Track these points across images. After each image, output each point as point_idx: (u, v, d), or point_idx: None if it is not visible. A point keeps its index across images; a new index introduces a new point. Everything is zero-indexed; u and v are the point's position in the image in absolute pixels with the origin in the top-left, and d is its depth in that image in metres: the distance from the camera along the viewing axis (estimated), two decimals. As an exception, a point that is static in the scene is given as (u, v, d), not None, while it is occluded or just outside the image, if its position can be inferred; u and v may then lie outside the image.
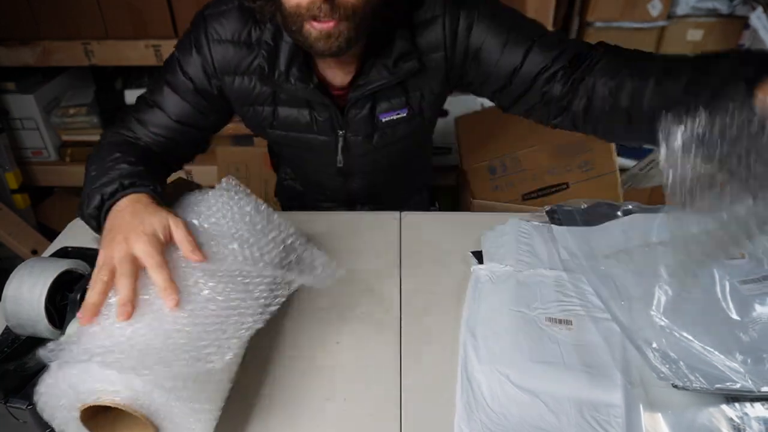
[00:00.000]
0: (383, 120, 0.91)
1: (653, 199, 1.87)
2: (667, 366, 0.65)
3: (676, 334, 0.70)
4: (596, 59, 0.79)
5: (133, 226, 0.66)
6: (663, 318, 0.72)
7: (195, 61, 0.86)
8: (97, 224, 0.75)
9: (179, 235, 0.65)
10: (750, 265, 0.80)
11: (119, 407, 0.51)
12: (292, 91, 0.86)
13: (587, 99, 0.79)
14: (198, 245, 0.65)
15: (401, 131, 0.94)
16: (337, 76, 0.87)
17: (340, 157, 0.96)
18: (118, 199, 0.72)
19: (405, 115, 0.92)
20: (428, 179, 1.30)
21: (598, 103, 0.78)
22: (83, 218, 0.78)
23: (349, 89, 0.88)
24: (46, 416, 0.55)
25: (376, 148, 0.96)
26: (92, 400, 0.52)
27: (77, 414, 0.54)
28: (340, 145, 0.94)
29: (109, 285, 0.61)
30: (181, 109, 0.89)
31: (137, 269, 0.62)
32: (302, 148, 0.97)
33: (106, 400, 0.51)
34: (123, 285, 0.59)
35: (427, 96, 0.91)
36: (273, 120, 0.92)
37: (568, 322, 0.74)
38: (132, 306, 0.57)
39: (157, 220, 0.66)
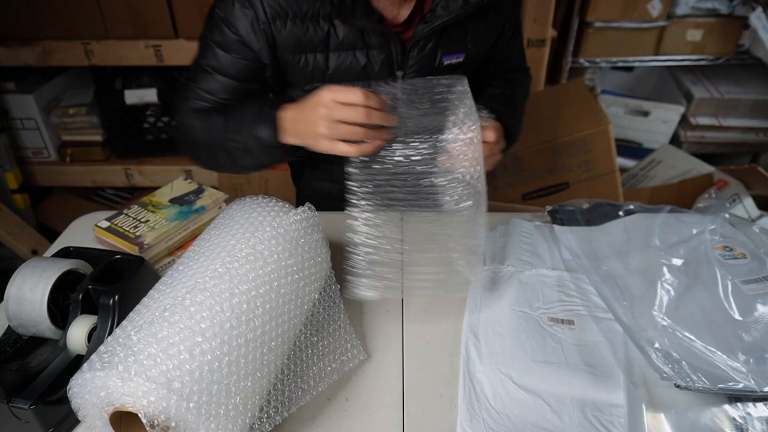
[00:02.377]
0: (444, 63, 0.90)
1: (654, 199, 1.87)
2: (670, 366, 0.65)
3: (678, 334, 0.70)
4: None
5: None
6: (665, 318, 0.72)
7: (239, 14, 0.84)
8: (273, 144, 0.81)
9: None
10: (752, 265, 0.80)
11: (141, 415, 0.51)
12: (359, 24, 0.83)
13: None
14: None
15: None
16: (395, 7, 0.85)
17: None
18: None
19: (462, 60, 0.92)
20: None
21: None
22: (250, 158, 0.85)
23: (406, 26, 0.87)
24: (80, 414, 0.55)
25: None
26: (120, 404, 0.52)
27: (107, 415, 0.53)
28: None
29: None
30: (240, 66, 0.87)
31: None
32: None
33: (135, 407, 0.51)
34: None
35: (482, 43, 0.93)
36: (325, 69, 0.88)
37: (570, 322, 0.74)
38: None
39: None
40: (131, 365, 0.51)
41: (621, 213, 0.92)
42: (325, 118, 0.73)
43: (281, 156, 0.85)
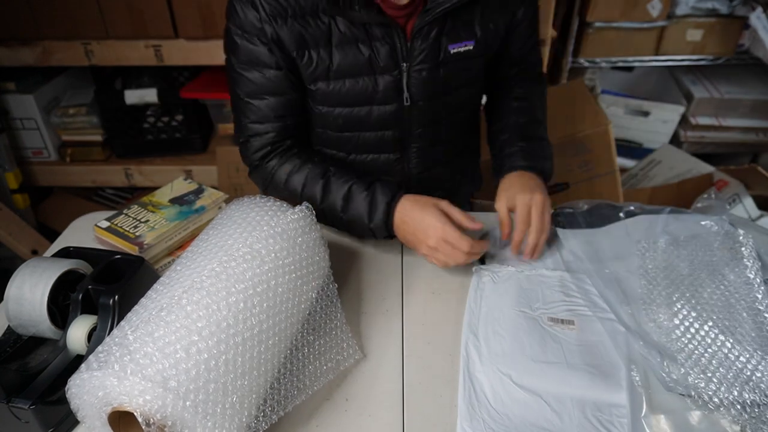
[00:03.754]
0: (452, 51, 0.89)
1: (653, 199, 1.87)
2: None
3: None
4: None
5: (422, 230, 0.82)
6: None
7: (246, 11, 0.84)
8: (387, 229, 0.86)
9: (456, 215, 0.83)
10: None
11: (137, 414, 0.51)
12: (358, 17, 0.83)
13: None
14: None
15: (465, 70, 0.93)
16: None
17: (407, 94, 0.91)
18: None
19: (471, 47, 0.90)
20: (475, 168, 1.20)
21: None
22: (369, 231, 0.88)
23: (409, 16, 0.85)
24: (80, 415, 0.55)
25: (437, 93, 0.92)
26: (117, 404, 0.52)
27: (105, 415, 0.53)
28: (404, 81, 0.89)
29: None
30: (272, 77, 0.87)
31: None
32: (360, 103, 0.91)
33: (132, 406, 0.51)
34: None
35: (493, 29, 0.91)
36: (330, 64, 0.87)
37: (570, 322, 0.74)
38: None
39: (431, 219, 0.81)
40: (127, 364, 0.51)
41: (622, 215, 0.92)
42: (429, 248, 0.81)
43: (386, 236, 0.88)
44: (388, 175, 1.00)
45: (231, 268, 0.60)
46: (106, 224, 0.89)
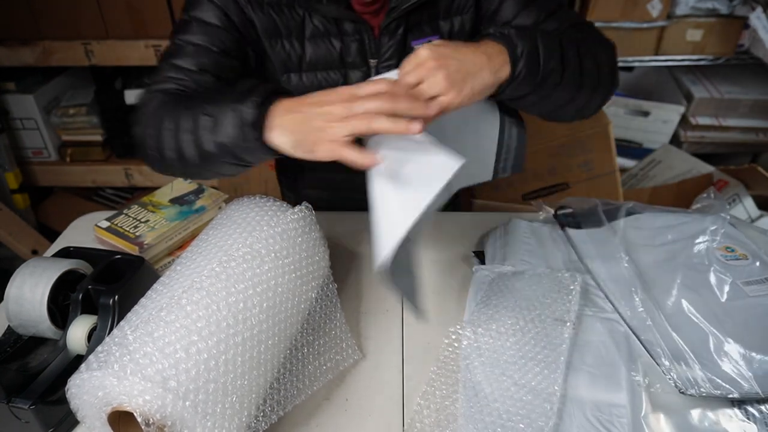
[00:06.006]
0: (415, 47, 0.87)
1: (653, 199, 1.87)
2: (674, 371, 0.66)
3: (682, 338, 0.70)
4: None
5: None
6: (670, 320, 0.73)
7: None
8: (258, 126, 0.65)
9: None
10: (753, 266, 0.80)
11: (136, 414, 0.51)
12: (325, 11, 0.82)
13: None
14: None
15: None
16: None
17: None
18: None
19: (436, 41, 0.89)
20: None
21: None
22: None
23: (374, 9, 0.85)
24: (80, 415, 0.55)
25: None
26: (117, 404, 0.52)
27: (105, 415, 0.53)
28: (373, 77, 0.86)
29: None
30: (221, 37, 0.81)
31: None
32: None
33: (131, 406, 0.51)
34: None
35: (458, 28, 0.89)
36: (302, 56, 0.86)
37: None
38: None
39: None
40: (127, 364, 0.51)
41: (622, 214, 0.92)
42: (334, 113, 0.61)
43: (256, 148, 0.66)
44: (359, 172, 0.98)
45: (231, 268, 0.60)
46: (106, 224, 0.90)
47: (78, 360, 0.67)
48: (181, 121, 0.71)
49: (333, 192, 1.07)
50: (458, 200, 1.28)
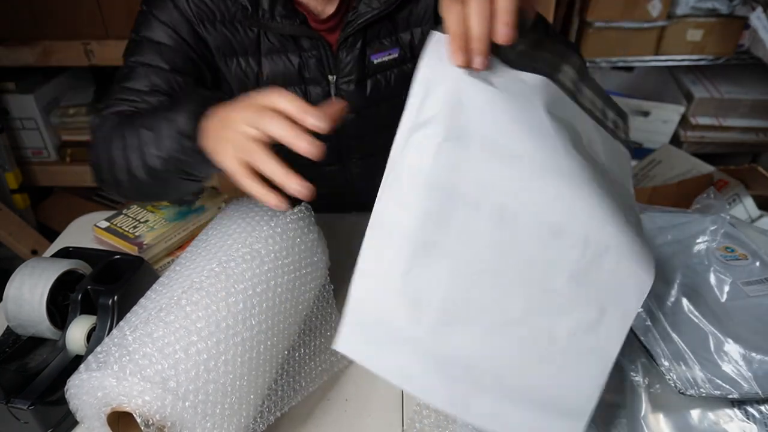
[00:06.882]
0: (375, 61, 0.86)
1: (653, 199, 1.87)
2: (674, 371, 0.65)
3: (682, 338, 0.70)
4: None
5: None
6: (670, 320, 0.72)
7: (172, 11, 0.80)
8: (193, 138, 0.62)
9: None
10: (753, 266, 0.80)
11: (136, 415, 0.51)
12: (279, 28, 0.80)
13: None
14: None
15: (394, 79, 0.89)
16: (320, 2, 0.81)
17: None
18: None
19: (396, 55, 0.87)
20: None
21: None
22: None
23: (331, 25, 0.83)
24: (79, 416, 0.55)
25: (369, 104, 0.89)
26: (116, 405, 0.52)
27: (104, 415, 0.53)
28: (333, 94, 0.87)
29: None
30: (172, 55, 0.80)
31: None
32: None
33: (131, 407, 0.51)
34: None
35: (419, 39, 0.87)
36: (258, 73, 0.85)
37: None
38: None
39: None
40: (126, 365, 0.51)
41: (620, 213, 0.92)
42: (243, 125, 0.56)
43: (196, 159, 0.62)
44: (332, 186, 0.97)
45: (230, 269, 0.60)
46: (105, 224, 0.90)
47: (77, 360, 0.67)
48: (127, 140, 0.68)
49: (332, 193, 1.07)
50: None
